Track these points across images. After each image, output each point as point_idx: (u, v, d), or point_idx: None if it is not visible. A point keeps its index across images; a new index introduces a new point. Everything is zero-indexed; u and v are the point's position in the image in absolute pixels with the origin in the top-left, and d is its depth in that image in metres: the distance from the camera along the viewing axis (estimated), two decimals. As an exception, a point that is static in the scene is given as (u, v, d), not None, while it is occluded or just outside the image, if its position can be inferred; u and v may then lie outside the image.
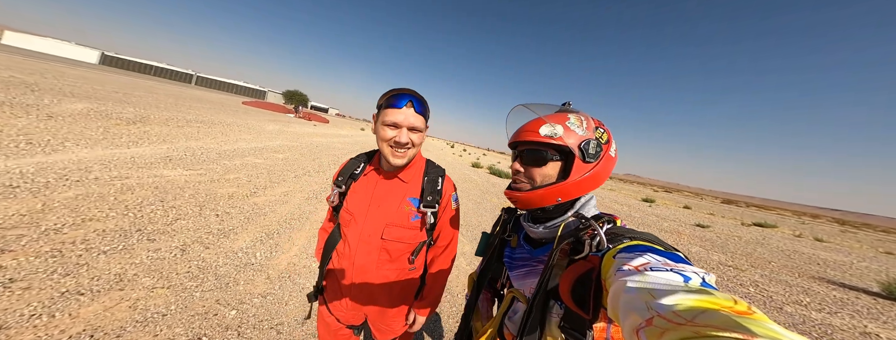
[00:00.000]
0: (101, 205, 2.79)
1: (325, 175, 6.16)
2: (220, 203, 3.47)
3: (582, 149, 0.59)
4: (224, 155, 5.68)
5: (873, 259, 9.82)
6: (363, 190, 0.93)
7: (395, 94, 0.81)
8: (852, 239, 17.10)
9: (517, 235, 0.75)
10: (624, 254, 0.44)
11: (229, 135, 7.71)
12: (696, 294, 0.31)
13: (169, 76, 79.32)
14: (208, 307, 1.88)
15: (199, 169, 4.50)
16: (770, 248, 8.54)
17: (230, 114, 13.36)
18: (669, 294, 0.32)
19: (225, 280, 2.18)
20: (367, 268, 0.91)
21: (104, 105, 7.23)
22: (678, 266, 0.38)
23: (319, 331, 1.17)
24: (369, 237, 0.89)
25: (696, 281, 0.35)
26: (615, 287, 0.38)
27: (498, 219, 0.82)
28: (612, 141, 0.63)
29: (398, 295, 0.98)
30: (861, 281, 5.99)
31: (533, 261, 0.65)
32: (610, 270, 0.43)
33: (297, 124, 17.60)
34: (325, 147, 10.54)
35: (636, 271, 0.38)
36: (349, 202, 0.93)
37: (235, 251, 2.58)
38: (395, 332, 1.03)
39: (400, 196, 0.91)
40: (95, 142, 4.54)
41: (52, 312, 1.57)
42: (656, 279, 0.36)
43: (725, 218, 17.72)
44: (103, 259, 2.09)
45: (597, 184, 0.61)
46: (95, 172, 3.47)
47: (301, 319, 1.96)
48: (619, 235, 0.50)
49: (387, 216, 0.89)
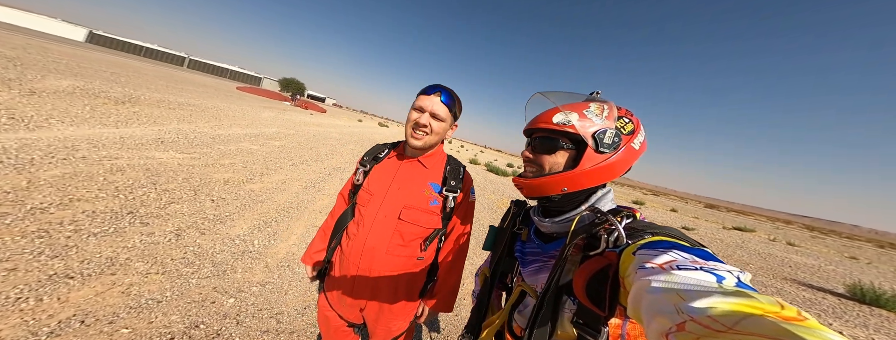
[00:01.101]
0: (90, 185, 2.65)
1: (323, 164, 6.03)
2: (215, 188, 3.35)
3: (596, 138, 0.55)
4: (218, 139, 5.48)
5: (839, 263, 10.40)
6: (385, 171, 0.94)
7: (430, 85, 0.89)
8: (821, 245, 17.98)
9: (528, 229, 0.72)
10: (645, 251, 0.41)
11: (223, 120, 7.44)
12: (734, 296, 0.28)
13: (160, 58, 76.08)
14: (205, 294, 1.81)
15: (192, 152, 4.32)
16: (748, 251, 8.87)
17: (224, 98, 12.90)
18: (702, 297, 0.28)
19: (222, 267, 2.11)
20: (377, 250, 0.89)
21: (91, 83, 6.85)
22: (708, 264, 0.35)
23: (320, 327, 1.14)
24: (386, 217, 0.89)
25: (731, 281, 0.32)
26: (637, 287, 0.35)
27: (507, 212, 0.79)
28: (638, 132, 0.59)
29: (403, 288, 0.95)
30: (828, 283, 6.30)
31: (544, 257, 0.63)
32: (629, 267, 0.41)
33: (293, 112, 17.14)
34: (321, 136, 10.30)
35: (661, 269, 0.35)
36: (370, 182, 0.94)
37: (233, 238, 2.50)
38: (392, 332, 0.98)
39: (421, 180, 0.92)
40: (82, 121, 4.30)
41: (40, 295, 1.48)
42: (685, 279, 0.32)
43: (708, 222, 18.31)
44: (93, 241, 1.99)
45: (610, 176, 0.57)
46: (83, 151, 3.29)
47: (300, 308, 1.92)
48: (639, 230, 0.47)
49: (407, 197, 0.90)
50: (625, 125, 0.57)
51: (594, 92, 0.64)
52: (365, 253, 0.89)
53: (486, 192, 8.31)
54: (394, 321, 0.97)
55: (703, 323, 0.26)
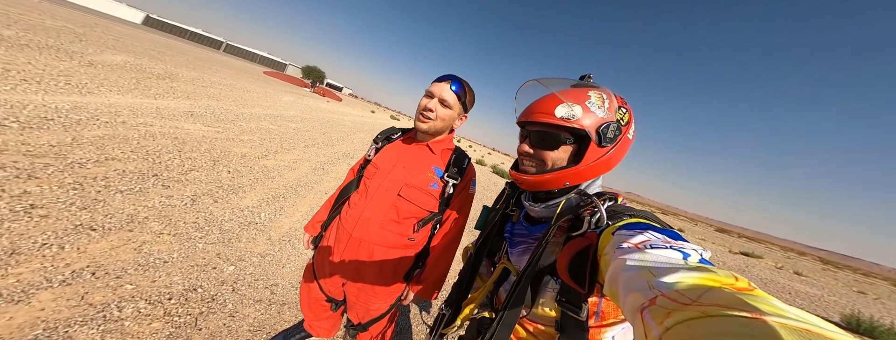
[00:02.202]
0: (125, 147, 2.79)
1: (333, 149, 6.12)
2: (232, 160, 3.46)
3: (600, 133, 0.53)
4: (241, 117, 5.66)
5: (844, 295, 9.90)
6: (395, 150, 0.98)
7: (444, 74, 0.91)
8: (830, 277, 16.89)
9: (519, 211, 0.71)
10: (623, 231, 0.42)
11: (248, 100, 7.69)
12: (697, 271, 0.30)
13: (201, 41, 79.46)
14: (208, 259, 1.88)
15: (217, 126, 4.49)
16: (750, 276, 8.44)
17: (251, 80, 13.33)
18: (671, 273, 0.30)
19: (228, 235, 2.18)
20: (372, 221, 0.90)
21: (140, 59, 7.24)
22: (677, 243, 0.36)
23: (301, 298, 1.15)
24: (387, 191, 0.91)
25: (695, 258, 0.34)
26: (615, 265, 0.36)
27: (501, 193, 0.77)
28: (632, 122, 0.57)
29: (390, 267, 0.94)
30: (825, 312, 6.08)
31: (530, 238, 0.62)
32: (607, 246, 0.41)
33: (311, 98, 17.53)
34: (335, 123, 10.48)
35: (636, 248, 0.36)
36: (379, 158, 0.97)
37: (242, 208, 2.58)
38: (370, 313, 0.98)
39: (426, 162, 0.94)
40: (127, 91, 4.54)
41: (63, 244, 1.57)
42: (656, 257, 0.34)
43: (715, 245, 17.52)
44: (119, 198, 2.10)
45: (609, 168, 0.56)
46: (123, 117, 3.48)
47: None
48: (618, 212, 0.48)
49: (409, 176, 0.91)
50: (623, 116, 0.55)
51: (586, 75, 0.60)
52: (360, 223, 0.90)
53: (490, 193, 8.21)
54: (374, 300, 0.96)
55: (671, 297, 0.27)
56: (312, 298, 1.08)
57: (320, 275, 1.01)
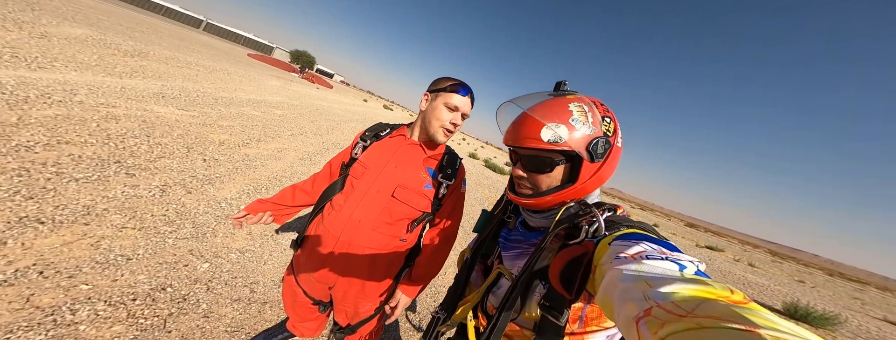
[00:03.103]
0: (81, 130, 2.47)
1: (322, 138, 5.82)
2: (209, 148, 3.18)
3: (591, 151, 0.52)
4: (221, 101, 5.24)
5: (787, 284, 11.06)
6: (385, 149, 0.92)
7: (460, 84, 0.86)
8: (777, 268, 18.62)
9: (516, 218, 0.72)
10: (620, 242, 0.42)
11: (229, 84, 7.15)
12: (693, 283, 0.30)
13: (178, 18, 73.14)
14: (180, 256, 1.69)
15: (192, 110, 4.11)
16: (712, 269, 9.05)
17: (233, 63, 12.42)
18: (666, 284, 0.30)
19: (203, 229, 1.98)
20: (362, 224, 0.86)
21: (105, 35, 6.48)
22: (673, 254, 0.36)
23: (285, 300, 1.09)
24: (378, 192, 0.86)
25: (691, 270, 0.34)
26: (611, 276, 0.36)
27: (501, 198, 0.78)
28: (618, 129, 0.56)
29: (380, 268, 0.91)
30: (770, 300, 6.74)
31: (525, 244, 0.63)
32: (603, 256, 0.41)
33: (300, 84, 16.61)
34: (325, 111, 9.99)
35: (632, 259, 0.36)
36: (367, 157, 0.91)
37: (219, 200, 2.36)
38: (359, 315, 0.95)
39: (419, 162, 0.91)
40: (87, 68, 4.05)
41: (5, 238, 1.35)
42: (652, 268, 0.34)
43: (684, 239, 18.63)
44: (73, 187, 1.84)
45: (604, 180, 0.56)
46: (81, 95, 3.08)
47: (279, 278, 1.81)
48: (616, 223, 0.48)
49: (402, 177, 0.88)
50: (609, 126, 0.54)
51: (561, 82, 0.58)
52: (348, 226, 0.86)
53: (482, 188, 8.20)
54: (363, 301, 0.93)
55: (666, 309, 0.27)
56: (298, 302, 1.04)
57: (303, 280, 0.96)
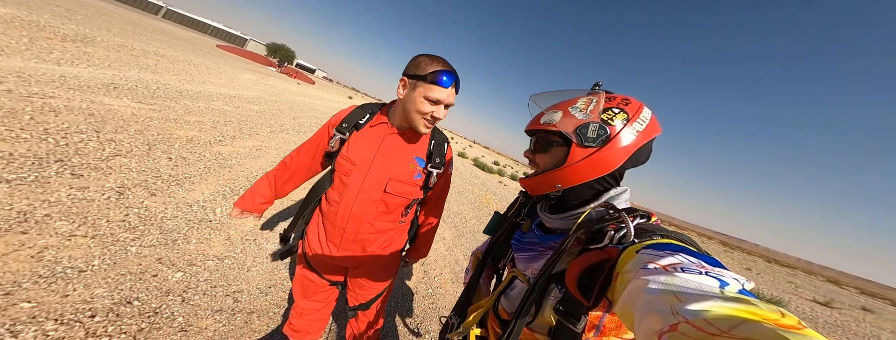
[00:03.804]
0: (11, 123, 2.08)
1: (305, 136, 5.48)
2: (175, 145, 2.84)
3: (579, 134, 0.53)
4: (186, 94, 4.73)
5: (739, 273, 12.06)
6: (368, 140, 0.88)
7: (443, 71, 0.76)
8: (728, 257, 20.66)
9: (531, 221, 0.70)
10: (650, 251, 0.38)
11: (195, 76, 6.49)
12: (734, 302, 0.26)
13: (132, 3, 65.59)
14: (146, 266, 1.47)
15: (152, 104, 3.66)
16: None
17: (200, 54, 11.37)
18: (701, 300, 0.27)
19: (173, 235, 1.74)
20: (362, 218, 0.88)
21: (38, 15, 5.62)
22: (715, 270, 0.32)
23: (296, 291, 1.06)
24: (371, 188, 0.86)
25: (735, 288, 0.30)
26: (634, 285, 0.34)
27: (515, 201, 0.76)
28: (635, 120, 0.53)
29: (387, 250, 0.96)
30: None
31: (541, 247, 0.60)
32: (628, 264, 0.39)
33: (278, 79, 15.59)
34: (308, 107, 9.43)
35: (664, 271, 0.33)
36: (351, 151, 0.87)
37: (190, 203, 2.10)
38: (377, 289, 1.01)
39: (407, 153, 0.88)
40: (14, 52, 3.45)
41: None
42: (686, 281, 0.30)
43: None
44: (4, 189, 1.54)
45: (603, 169, 0.53)
46: (9, 84, 2.61)
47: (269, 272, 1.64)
48: (648, 232, 0.44)
49: (391, 170, 0.86)
50: (613, 117, 0.53)
51: (596, 83, 0.61)
52: (351, 220, 0.87)
53: (472, 186, 8.20)
54: (376, 275, 0.99)
55: (697, 326, 0.25)
56: (314, 288, 1.04)
57: (316, 264, 0.98)
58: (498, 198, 7.65)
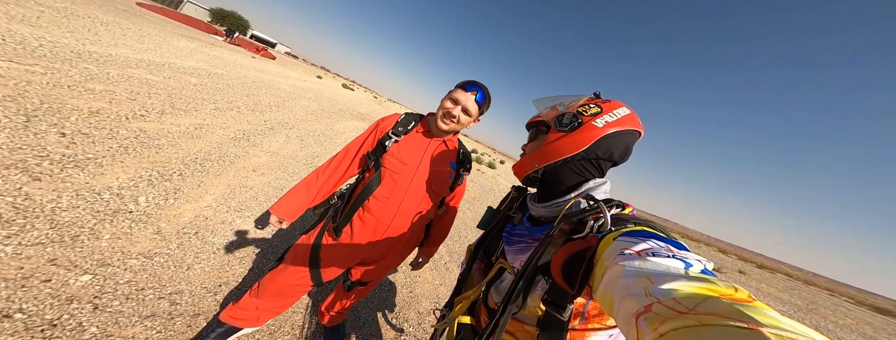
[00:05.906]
0: None
1: (264, 116, 4.71)
2: (71, 118, 2.18)
3: (556, 120, 0.60)
4: (88, 56, 3.67)
5: (734, 280, 13.11)
6: (417, 144, 0.99)
7: (471, 82, 0.94)
8: (725, 261, 23.79)
9: (522, 214, 0.72)
10: (626, 238, 0.41)
11: (103, 36, 5.09)
12: (697, 281, 0.29)
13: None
14: (32, 269, 1.09)
15: (34, 63, 2.75)
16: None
17: (111, 11, 8.93)
18: (669, 281, 0.29)
19: (71, 230, 1.33)
20: (408, 214, 0.98)
21: None
22: (680, 253, 0.35)
23: (267, 290, 1.01)
24: (419, 186, 0.97)
25: (697, 268, 0.33)
26: (612, 271, 0.35)
27: (507, 196, 0.80)
28: (603, 113, 0.58)
29: (414, 240, 1.10)
30: None
31: (529, 238, 0.63)
32: (606, 251, 0.40)
33: (227, 50, 13.11)
34: (266, 85, 8.06)
35: (637, 256, 0.35)
36: (402, 152, 0.96)
37: (98, 190, 1.64)
38: (385, 271, 1.11)
39: (446, 158, 1.01)
40: None
41: None
42: (657, 265, 0.32)
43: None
44: None
45: (572, 148, 0.58)
46: None
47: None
48: (623, 220, 0.47)
49: (434, 172, 0.98)
50: (588, 109, 0.59)
51: (596, 92, 0.65)
52: (398, 215, 0.96)
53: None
54: (392, 266, 1.11)
55: (667, 305, 0.27)
56: (288, 287, 1.00)
57: (333, 261, 0.99)
58: (474, 186, 7.68)
